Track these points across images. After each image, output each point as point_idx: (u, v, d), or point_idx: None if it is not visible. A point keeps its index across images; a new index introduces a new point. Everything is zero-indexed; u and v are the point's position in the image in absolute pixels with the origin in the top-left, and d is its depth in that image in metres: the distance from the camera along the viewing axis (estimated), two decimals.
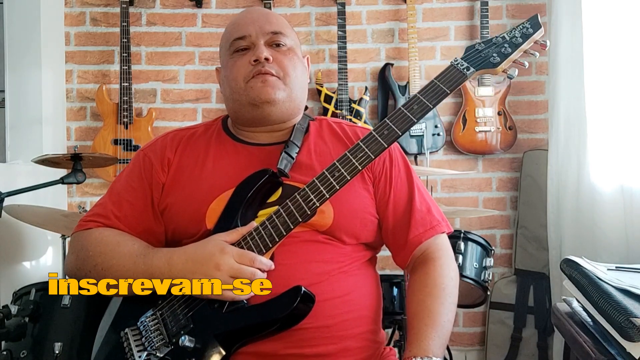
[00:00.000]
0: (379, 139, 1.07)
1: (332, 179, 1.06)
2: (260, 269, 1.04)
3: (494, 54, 1.10)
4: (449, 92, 1.08)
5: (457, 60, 1.11)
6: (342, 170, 1.05)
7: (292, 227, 1.06)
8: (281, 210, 1.07)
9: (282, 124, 1.25)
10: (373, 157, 1.06)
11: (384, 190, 1.21)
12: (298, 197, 1.07)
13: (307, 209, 1.06)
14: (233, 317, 1.05)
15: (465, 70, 1.09)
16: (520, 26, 1.12)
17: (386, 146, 1.06)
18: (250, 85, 1.19)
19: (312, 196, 1.06)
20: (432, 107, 1.07)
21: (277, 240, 1.06)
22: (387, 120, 1.08)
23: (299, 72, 1.24)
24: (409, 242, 1.19)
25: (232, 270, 1.03)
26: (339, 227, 1.14)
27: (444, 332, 1.08)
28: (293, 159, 1.19)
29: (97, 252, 1.14)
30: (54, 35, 2.84)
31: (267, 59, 1.18)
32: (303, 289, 1.03)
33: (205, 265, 1.04)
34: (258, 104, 1.19)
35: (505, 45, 1.10)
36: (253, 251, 1.06)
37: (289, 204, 1.07)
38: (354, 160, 1.06)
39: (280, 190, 1.16)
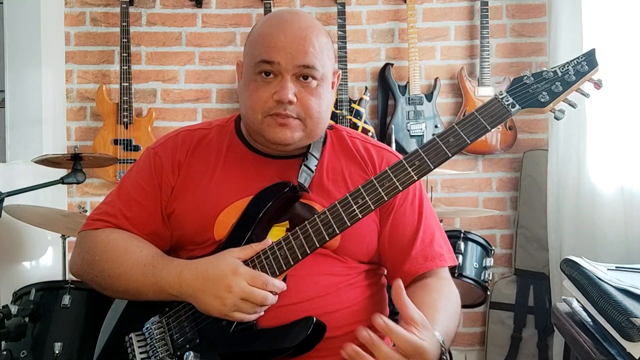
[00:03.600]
0: (410, 170, 0.99)
1: (355, 207, 1.00)
2: (272, 292, 1.01)
3: (543, 92, 1.01)
4: (490, 128, 0.99)
5: (502, 94, 1.02)
6: (367, 199, 0.99)
7: (309, 252, 1.02)
8: (299, 232, 1.03)
9: None
10: (401, 189, 0.99)
11: (386, 211, 1.17)
12: (318, 220, 1.02)
13: (325, 235, 1.01)
14: (241, 338, 1.03)
15: (510, 107, 1.00)
16: (575, 61, 1.02)
17: (416, 179, 0.99)
18: (267, 122, 1.11)
19: (332, 222, 1.01)
20: (469, 142, 0.99)
21: (292, 263, 1.02)
22: (420, 151, 1.00)
23: (325, 106, 1.14)
24: (404, 272, 1.14)
25: (244, 293, 0.99)
26: (344, 251, 1.13)
27: (449, 323, 1.04)
28: (312, 172, 1.15)
29: (104, 258, 1.11)
30: (54, 35, 2.84)
31: (290, 102, 1.08)
32: (314, 319, 1.00)
33: (217, 285, 1.00)
34: (271, 142, 1.13)
35: (557, 82, 1.01)
36: (267, 272, 1.02)
37: (308, 226, 1.02)
38: (380, 190, 0.99)
39: (294, 207, 1.12)
